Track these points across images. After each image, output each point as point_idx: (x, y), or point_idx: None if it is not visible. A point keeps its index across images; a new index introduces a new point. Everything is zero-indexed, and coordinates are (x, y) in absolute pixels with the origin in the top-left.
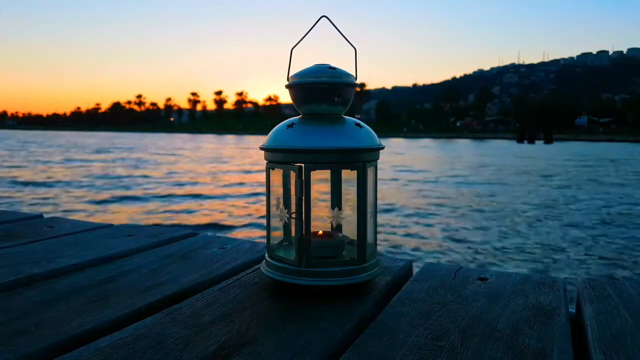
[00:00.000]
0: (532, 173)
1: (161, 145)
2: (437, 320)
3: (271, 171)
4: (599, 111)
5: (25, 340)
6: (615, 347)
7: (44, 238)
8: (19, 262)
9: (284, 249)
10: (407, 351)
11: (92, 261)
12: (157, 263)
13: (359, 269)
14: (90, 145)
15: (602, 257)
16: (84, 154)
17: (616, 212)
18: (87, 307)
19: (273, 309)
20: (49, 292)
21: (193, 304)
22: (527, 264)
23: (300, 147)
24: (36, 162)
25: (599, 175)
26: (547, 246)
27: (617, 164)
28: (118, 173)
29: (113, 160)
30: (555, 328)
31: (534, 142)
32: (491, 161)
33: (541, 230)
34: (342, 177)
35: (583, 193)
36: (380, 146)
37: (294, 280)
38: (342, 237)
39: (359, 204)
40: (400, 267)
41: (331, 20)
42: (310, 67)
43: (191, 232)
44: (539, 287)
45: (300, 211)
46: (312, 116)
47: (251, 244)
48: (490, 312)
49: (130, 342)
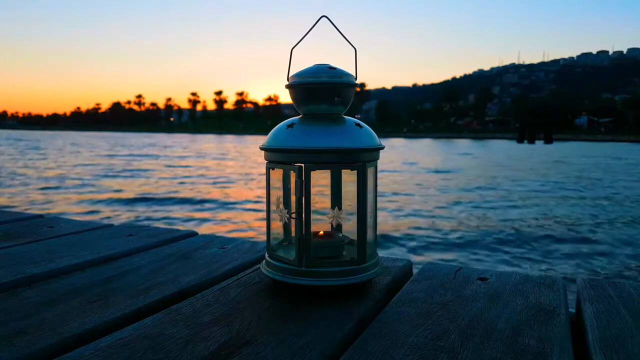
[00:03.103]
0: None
1: (185, 144)
2: (437, 320)
3: (271, 171)
4: (599, 111)
5: (25, 340)
6: (615, 347)
7: (44, 238)
8: (19, 262)
9: (284, 249)
10: (407, 351)
11: (92, 261)
12: (157, 263)
13: (359, 269)
14: (135, 145)
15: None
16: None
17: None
18: (87, 307)
19: (273, 309)
20: (49, 292)
21: (193, 304)
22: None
23: (300, 147)
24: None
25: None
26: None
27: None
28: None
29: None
30: (555, 328)
31: (534, 142)
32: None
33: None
34: (342, 177)
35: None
36: (380, 146)
37: (294, 280)
38: (342, 237)
39: (359, 204)
40: (400, 267)
41: (331, 20)
42: (310, 67)
43: (191, 232)
44: (539, 287)
45: (300, 211)
46: (312, 116)
47: (251, 244)
48: (490, 312)
49: (130, 342)
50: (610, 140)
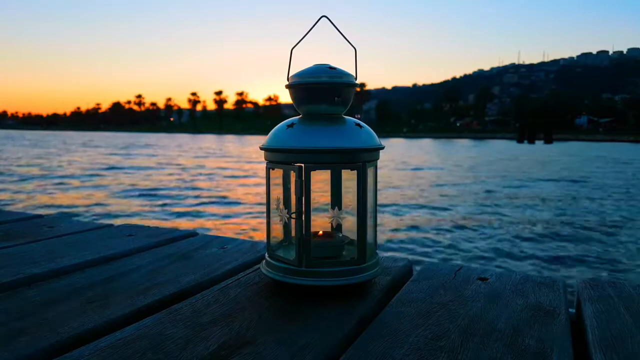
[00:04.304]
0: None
1: (192, 145)
2: (437, 320)
3: (271, 171)
4: (599, 111)
5: (25, 340)
6: (615, 347)
7: (44, 238)
8: (19, 262)
9: (284, 249)
10: (407, 351)
11: (92, 261)
12: (157, 263)
13: (359, 269)
14: (147, 145)
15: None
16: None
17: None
18: (87, 307)
19: (273, 309)
20: (49, 292)
21: (193, 304)
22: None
23: (300, 147)
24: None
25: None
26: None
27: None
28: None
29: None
30: (555, 328)
31: (534, 142)
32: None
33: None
34: (342, 177)
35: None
36: (380, 146)
37: (294, 280)
38: (342, 237)
39: (359, 204)
40: (400, 267)
41: (331, 20)
42: (310, 67)
43: (191, 232)
44: (539, 287)
45: (300, 211)
46: (312, 116)
47: (251, 244)
48: (490, 312)
49: (130, 342)
50: (610, 140)
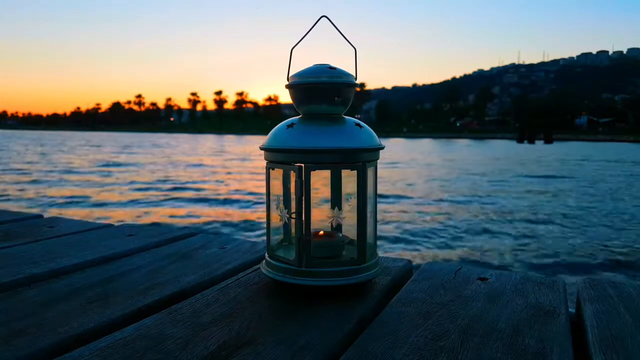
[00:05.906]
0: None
1: (209, 145)
2: (437, 320)
3: (271, 171)
4: (599, 111)
5: (25, 340)
6: (615, 347)
7: (44, 238)
8: (19, 262)
9: (284, 249)
10: (407, 351)
11: (92, 261)
12: (157, 263)
13: (359, 269)
14: (161, 145)
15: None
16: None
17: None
18: (87, 307)
19: (273, 309)
20: (49, 292)
21: (193, 304)
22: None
23: (300, 147)
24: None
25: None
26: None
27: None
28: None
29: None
30: (555, 328)
31: (534, 142)
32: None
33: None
34: (342, 177)
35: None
36: (380, 146)
37: (294, 280)
38: (342, 237)
39: (359, 204)
40: (400, 267)
41: (331, 20)
42: (310, 67)
43: (191, 232)
44: (539, 287)
45: (300, 211)
46: (312, 116)
47: (251, 244)
48: (490, 312)
49: (130, 342)
50: (610, 140)
